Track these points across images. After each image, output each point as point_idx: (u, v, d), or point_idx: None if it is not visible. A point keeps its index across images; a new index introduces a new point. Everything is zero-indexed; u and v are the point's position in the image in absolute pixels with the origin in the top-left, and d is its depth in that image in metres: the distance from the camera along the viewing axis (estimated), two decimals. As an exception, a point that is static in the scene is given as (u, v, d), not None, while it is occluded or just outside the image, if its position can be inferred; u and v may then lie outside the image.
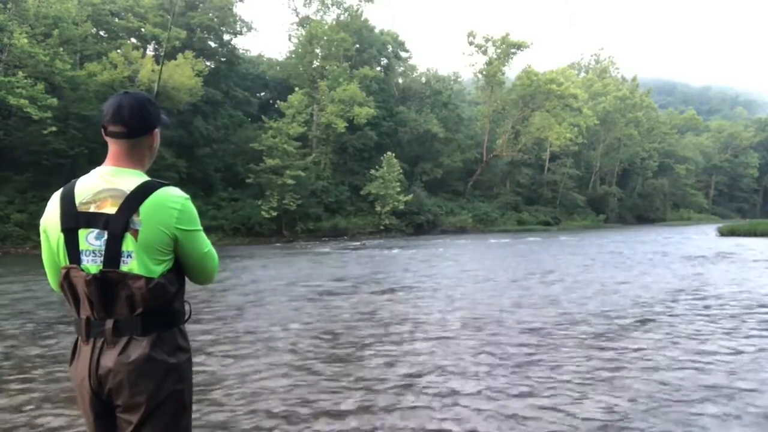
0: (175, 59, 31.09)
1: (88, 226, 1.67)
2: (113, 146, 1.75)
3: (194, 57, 32.25)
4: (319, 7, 44.10)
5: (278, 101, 38.76)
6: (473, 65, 54.55)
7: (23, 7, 25.91)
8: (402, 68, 55.00)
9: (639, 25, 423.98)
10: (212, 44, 39.45)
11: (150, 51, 35.34)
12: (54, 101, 24.35)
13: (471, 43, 51.64)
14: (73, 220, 1.67)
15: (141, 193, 1.68)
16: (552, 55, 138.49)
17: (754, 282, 10.87)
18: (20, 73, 23.85)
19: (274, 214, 33.40)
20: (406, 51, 55.47)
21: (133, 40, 34.78)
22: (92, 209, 1.67)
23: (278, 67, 46.53)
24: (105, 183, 1.69)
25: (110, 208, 1.66)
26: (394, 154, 40.37)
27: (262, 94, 47.63)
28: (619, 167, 67.52)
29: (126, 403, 1.68)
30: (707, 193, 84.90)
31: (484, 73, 52.33)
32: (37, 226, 1.82)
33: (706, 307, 8.06)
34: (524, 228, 47.16)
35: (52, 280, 1.81)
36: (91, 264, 1.67)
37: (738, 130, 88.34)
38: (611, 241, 27.09)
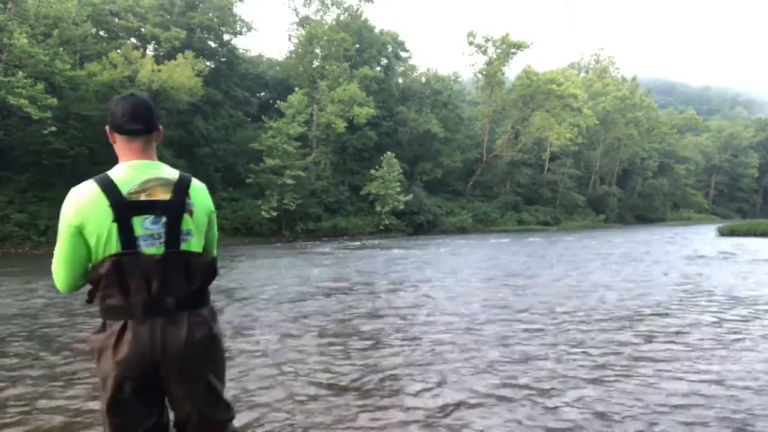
0: (175, 59, 31.09)
1: (142, 213, 1.78)
2: (131, 144, 1.88)
3: (194, 57, 32.25)
4: (319, 7, 44.11)
5: (278, 101, 38.78)
6: (473, 65, 54.62)
7: (23, 7, 25.90)
8: (402, 68, 55.00)
9: (639, 25, 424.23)
10: (212, 44, 39.46)
11: (150, 51, 35.35)
12: (54, 101, 24.33)
13: (471, 43, 51.66)
14: (124, 209, 1.76)
15: (185, 180, 1.89)
16: (552, 55, 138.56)
17: (755, 281, 10.87)
18: (20, 73, 23.84)
19: (274, 214, 33.42)
20: (406, 51, 55.53)
21: (133, 40, 34.77)
22: (143, 198, 1.79)
23: (278, 67, 46.53)
24: (147, 174, 1.83)
25: (163, 195, 1.82)
26: (394, 154, 40.40)
27: (262, 94, 47.65)
28: (619, 167, 67.55)
29: (190, 374, 1.84)
30: (707, 193, 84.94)
31: (484, 73, 52.33)
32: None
33: (707, 305, 8.07)
34: (524, 228, 47.18)
35: (69, 277, 1.84)
36: (150, 247, 1.79)
37: (738, 130, 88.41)
38: (612, 241, 27.09)
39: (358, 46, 46.68)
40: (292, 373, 4.84)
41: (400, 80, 53.78)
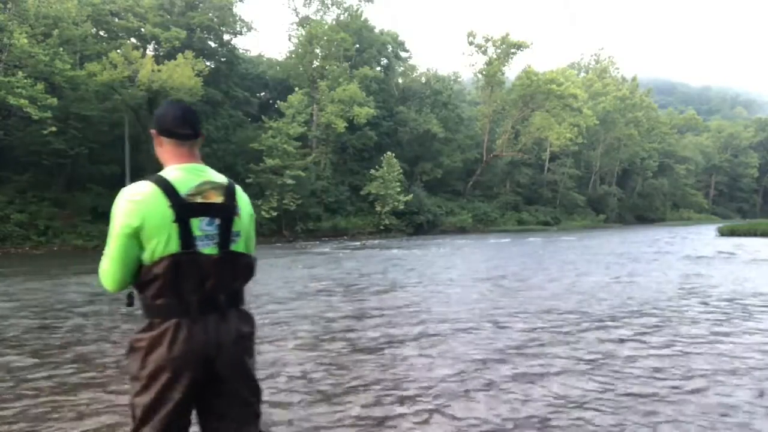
0: (175, 59, 31.04)
1: (199, 214, 1.86)
2: (180, 147, 1.98)
3: (194, 57, 32.18)
4: (319, 7, 44.08)
5: (278, 101, 38.74)
6: (473, 65, 54.65)
7: (23, 7, 25.87)
8: (402, 68, 54.98)
9: (639, 25, 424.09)
10: (212, 44, 39.40)
11: (150, 51, 35.30)
12: (54, 101, 24.28)
13: (471, 43, 51.66)
14: (184, 210, 1.84)
15: (231, 184, 2.02)
16: (552, 55, 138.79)
17: (755, 281, 10.87)
18: (20, 73, 23.80)
19: (274, 214, 33.40)
20: (406, 51, 55.48)
21: (133, 40, 34.73)
22: (199, 200, 1.87)
23: (278, 67, 46.48)
24: (200, 177, 1.93)
25: (216, 198, 1.91)
26: (394, 154, 40.39)
27: (262, 94, 47.62)
28: (619, 167, 67.53)
29: (239, 368, 1.92)
30: (707, 193, 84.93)
31: (484, 73, 52.32)
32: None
33: (707, 305, 8.06)
34: (524, 228, 47.17)
35: (121, 277, 1.85)
36: (205, 247, 1.87)
37: (738, 130, 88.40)
38: (611, 241, 27.09)
39: (358, 46, 46.64)
40: (272, 380, 4.80)
41: (400, 80, 53.75)
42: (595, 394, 4.21)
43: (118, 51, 29.45)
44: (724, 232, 31.17)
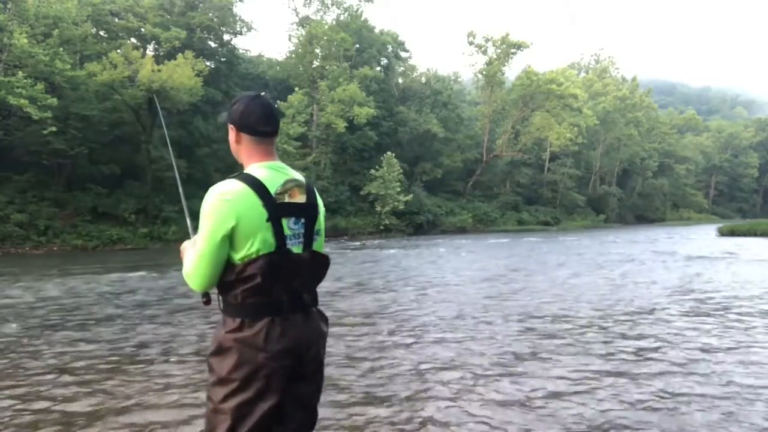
0: (175, 59, 31.00)
1: (287, 214, 1.85)
2: (262, 144, 1.93)
3: (194, 57, 32.13)
4: (319, 7, 44.05)
5: (278, 101, 38.70)
6: (473, 65, 54.56)
7: (23, 7, 25.83)
8: (402, 68, 54.91)
9: (639, 25, 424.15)
10: (212, 44, 39.35)
11: (150, 51, 35.28)
12: (54, 101, 24.25)
13: (471, 43, 51.60)
14: (275, 209, 1.82)
15: (310, 183, 2.01)
16: (552, 55, 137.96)
17: (755, 281, 10.86)
18: (20, 73, 23.76)
19: (274, 214, 33.35)
20: (406, 51, 55.40)
21: (133, 40, 34.70)
22: (286, 199, 1.86)
23: (278, 67, 46.45)
24: (284, 175, 1.90)
25: (299, 198, 1.90)
26: (394, 154, 40.35)
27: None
28: (619, 167, 67.50)
29: (315, 368, 1.94)
30: (707, 193, 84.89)
31: (484, 73, 52.26)
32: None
33: (706, 305, 8.06)
34: (524, 228, 47.15)
35: (210, 276, 1.82)
36: (294, 246, 1.87)
37: (738, 130, 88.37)
38: (611, 241, 27.07)
39: (358, 46, 46.60)
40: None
41: (400, 80, 53.70)
42: (576, 409, 4.20)
43: (118, 51, 29.41)
44: (724, 233, 31.18)
